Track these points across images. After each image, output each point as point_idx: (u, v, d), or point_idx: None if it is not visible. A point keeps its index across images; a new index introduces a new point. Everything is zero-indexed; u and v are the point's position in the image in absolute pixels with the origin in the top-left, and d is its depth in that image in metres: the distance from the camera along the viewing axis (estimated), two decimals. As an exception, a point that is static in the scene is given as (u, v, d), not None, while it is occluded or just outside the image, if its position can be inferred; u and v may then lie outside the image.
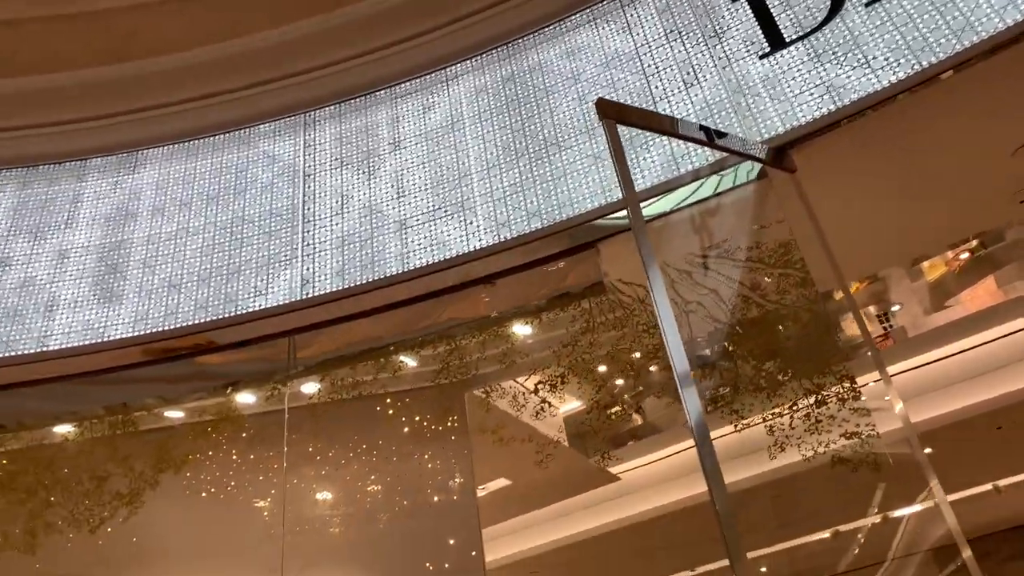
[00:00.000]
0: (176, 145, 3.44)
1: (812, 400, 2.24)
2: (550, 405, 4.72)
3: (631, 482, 5.93)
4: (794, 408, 2.25)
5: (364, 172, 3.12)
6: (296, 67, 3.38)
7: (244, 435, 3.33)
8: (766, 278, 2.36)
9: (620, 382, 3.27)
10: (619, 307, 2.65)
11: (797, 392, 2.27)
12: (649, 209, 2.55)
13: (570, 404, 5.10)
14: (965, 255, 9.73)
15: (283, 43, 3.35)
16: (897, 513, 2.70)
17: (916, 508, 2.44)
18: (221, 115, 3.44)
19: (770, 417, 2.29)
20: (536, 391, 3.75)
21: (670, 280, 2.54)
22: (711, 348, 2.45)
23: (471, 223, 2.83)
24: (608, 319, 2.67)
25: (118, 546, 3.18)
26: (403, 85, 3.28)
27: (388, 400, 3.32)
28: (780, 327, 2.45)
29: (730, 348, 2.40)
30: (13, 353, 3.02)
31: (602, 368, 3.11)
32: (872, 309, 10.03)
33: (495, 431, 4.42)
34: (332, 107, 3.35)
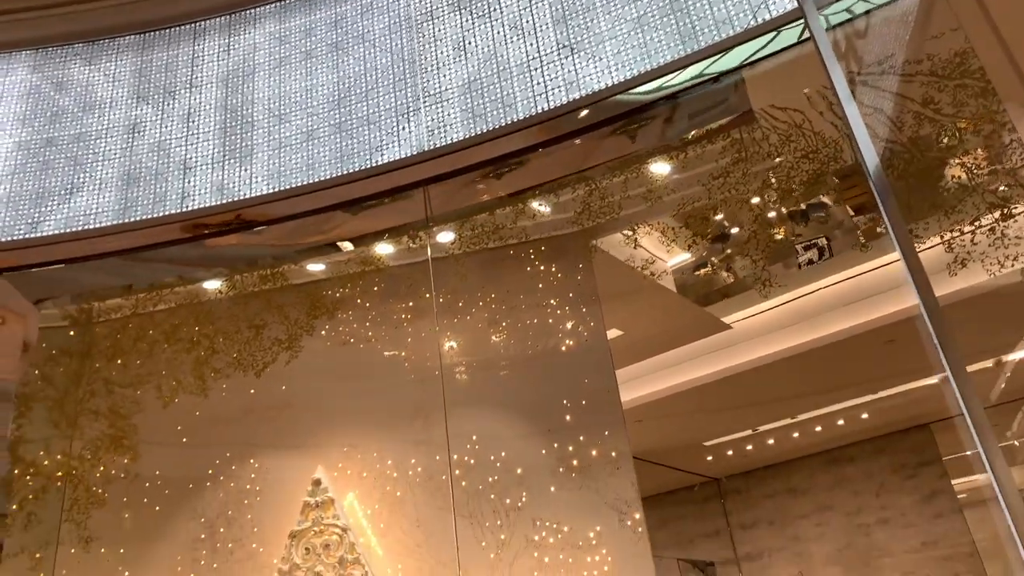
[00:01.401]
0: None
1: (997, 214, 2.14)
2: (667, 251, 4.68)
3: (742, 331, 5.92)
4: (977, 224, 2.16)
5: (483, 14, 3.00)
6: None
7: (384, 286, 3.44)
8: (939, 91, 2.21)
9: (752, 225, 3.19)
10: (773, 133, 2.54)
11: (980, 207, 2.17)
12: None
13: (682, 255, 5.04)
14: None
15: None
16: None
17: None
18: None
19: (949, 235, 2.21)
20: (657, 234, 3.72)
21: (828, 104, 2.41)
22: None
23: (600, 59, 2.71)
24: (761, 149, 2.57)
25: (281, 388, 3.40)
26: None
27: (520, 248, 3.34)
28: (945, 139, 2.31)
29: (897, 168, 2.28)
30: (158, 214, 3.13)
31: (755, 200, 3.03)
32: None
33: (616, 279, 4.44)
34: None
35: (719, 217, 3.74)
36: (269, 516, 3.18)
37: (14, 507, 3.08)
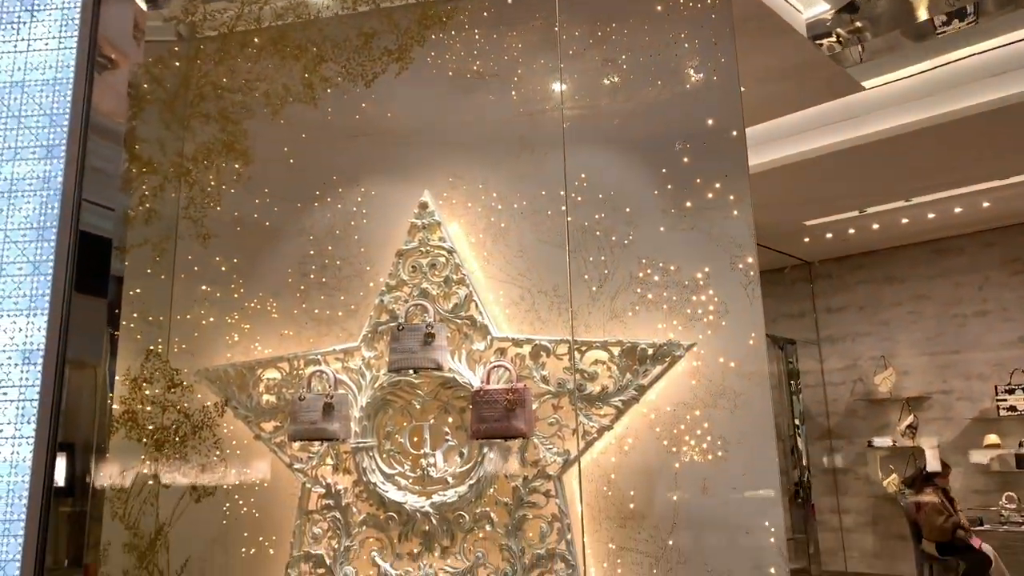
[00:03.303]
0: None
1: None
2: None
3: (875, 99, 5.44)
4: None
5: None
6: None
7: (496, 11, 3.20)
8: None
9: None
10: None
11: None
12: None
13: (820, 6, 4.54)
14: None
15: None
16: None
17: None
18: None
19: None
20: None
21: None
22: None
23: None
24: None
25: (387, 115, 3.32)
26: None
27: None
28: None
29: None
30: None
31: None
32: None
33: (749, 22, 4.03)
34: None
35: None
36: (376, 237, 3.23)
37: (134, 205, 3.20)
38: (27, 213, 2.50)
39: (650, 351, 2.73)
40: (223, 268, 3.39)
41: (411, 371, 2.83)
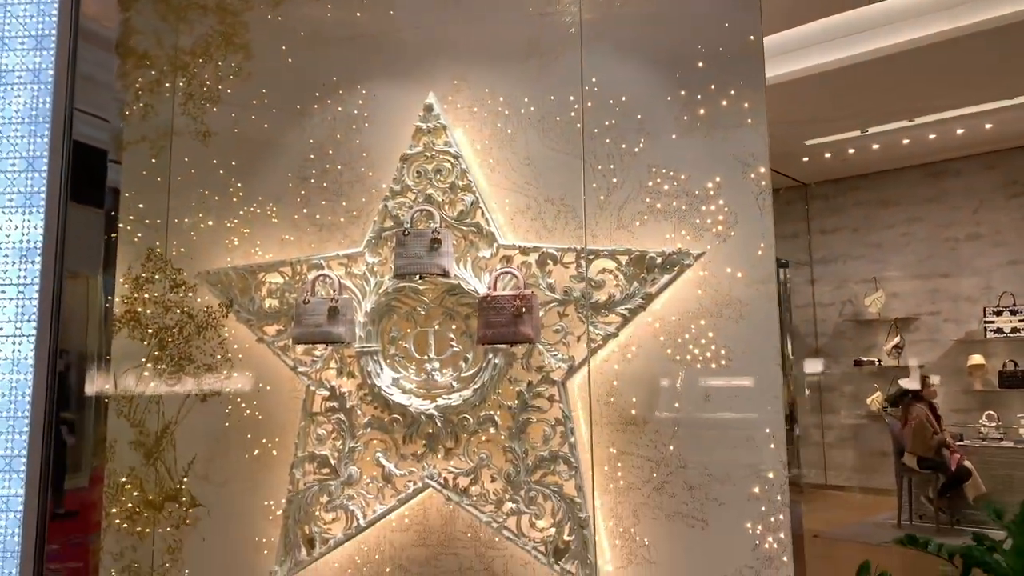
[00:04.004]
0: None
1: None
2: None
3: (885, 10, 5.29)
4: None
5: None
6: None
7: None
8: None
9: None
10: None
11: None
12: None
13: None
14: None
15: None
16: None
17: None
18: None
19: None
20: None
21: None
22: None
23: None
24: None
25: (389, 12, 3.19)
26: None
27: None
28: None
29: None
30: None
31: None
32: None
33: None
34: None
35: None
36: (378, 141, 3.15)
37: (131, 101, 3.10)
38: (17, 107, 2.42)
39: (658, 260, 2.72)
40: (221, 171, 3.31)
41: (416, 277, 2.81)
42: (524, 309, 2.62)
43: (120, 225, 3.09)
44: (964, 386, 8.03)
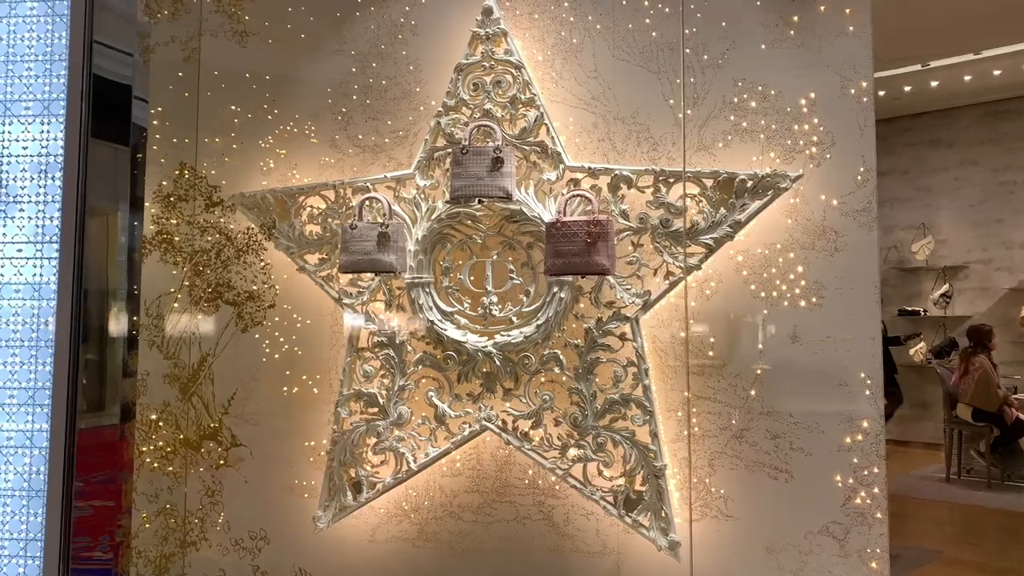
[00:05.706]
0: None
1: None
2: None
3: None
4: None
5: None
6: None
7: None
8: None
9: None
10: None
11: None
12: None
13: None
14: None
15: None
16: None
17: None
18: None
19: None
20: None
21: None
22: None
23: None
24: None
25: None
26: None
27: None
28: None
29: None
30: None
31: None
32: None
33: None
34: None
35: None
36: (427, 52, 2.85)
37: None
38: (31, 43, 2.20)
39: (749, 183, 2.42)
40: (254, 86, 3.03)
41: (476, 201, 2.53)
42: (599, 236, 2.34)
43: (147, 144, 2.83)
44: (1015, 336, 7.72)
